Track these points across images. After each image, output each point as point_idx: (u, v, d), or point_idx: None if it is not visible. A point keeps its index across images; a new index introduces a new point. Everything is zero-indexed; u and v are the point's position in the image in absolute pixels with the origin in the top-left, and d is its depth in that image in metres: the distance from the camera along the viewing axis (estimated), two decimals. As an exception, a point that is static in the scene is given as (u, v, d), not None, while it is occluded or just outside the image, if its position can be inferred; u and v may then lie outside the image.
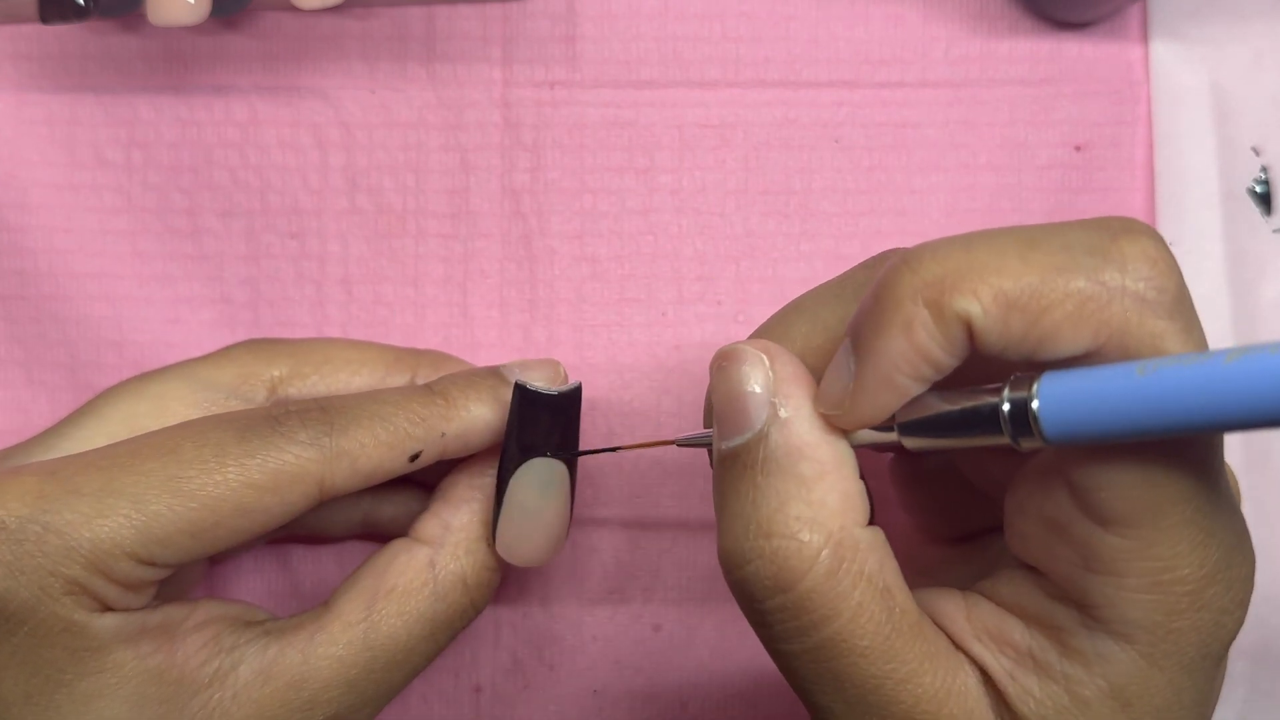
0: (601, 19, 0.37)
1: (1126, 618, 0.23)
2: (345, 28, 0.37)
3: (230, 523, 0.27)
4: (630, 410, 0.37)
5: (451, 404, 0.30)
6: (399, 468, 0.29)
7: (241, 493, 0.27)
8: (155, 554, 0.27)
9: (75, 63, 0.37)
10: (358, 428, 0.29)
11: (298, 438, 0.28)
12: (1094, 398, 0.21)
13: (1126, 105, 0.37)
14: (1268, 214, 0.37)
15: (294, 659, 0.28)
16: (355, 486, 0.29)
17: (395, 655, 0.29)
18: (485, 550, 0.31)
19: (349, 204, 0.37)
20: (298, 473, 0.28)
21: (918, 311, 0.22)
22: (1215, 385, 0.20)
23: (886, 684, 0.24)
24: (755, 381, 0.24)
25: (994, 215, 0.37)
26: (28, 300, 0.37)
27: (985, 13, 0.37)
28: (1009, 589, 0.25)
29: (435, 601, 0.30)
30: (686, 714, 0.37)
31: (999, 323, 0.22)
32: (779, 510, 0.23)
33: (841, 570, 0.23)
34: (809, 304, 0.27)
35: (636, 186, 0.37)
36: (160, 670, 0.27)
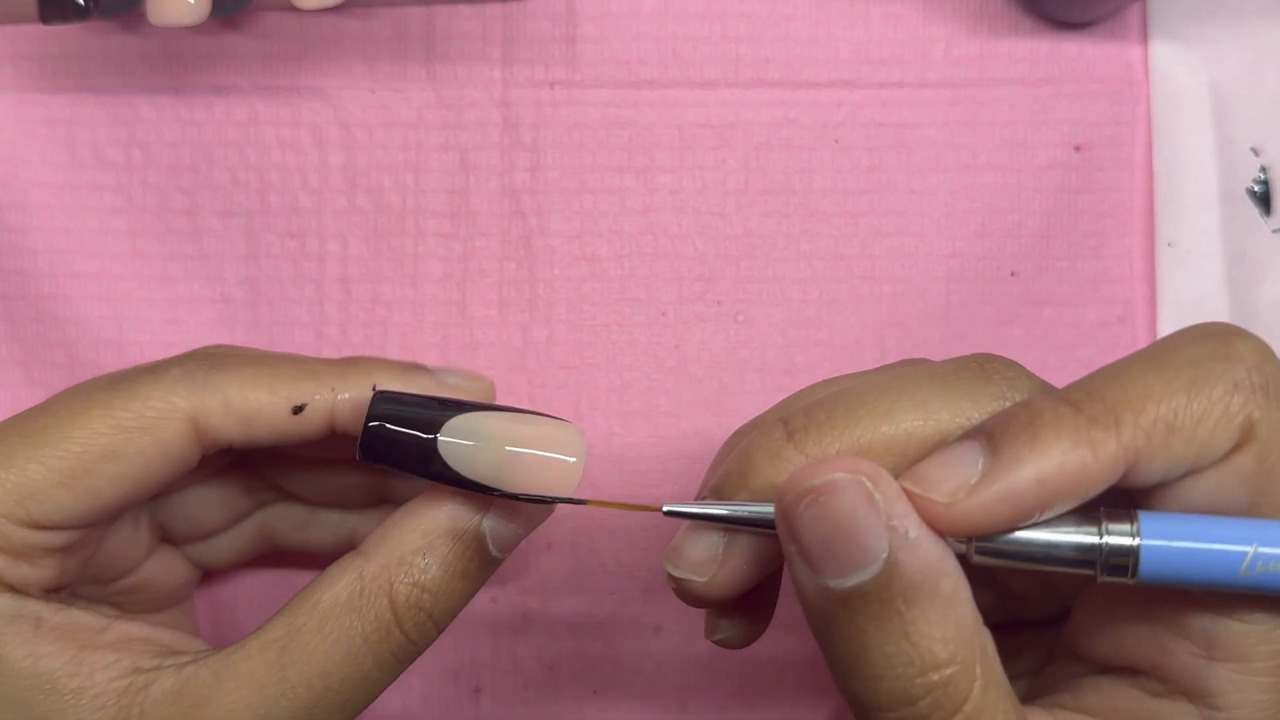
0: (601, 19, 0.37)
1: (1251, 701, 0.24)
2: (345, 28, 0.37)
3: (102, 469, 0.26)
4: (630, 410, 0.37)
5: (353, 366, 0.28)
6: (281, 419, 0.27)
7: (108, 436, 0.26)
8: (33, 511, 0.26)
9: (75, 63, 0.37)
10: (238, 367, 0.27)
11: (170, 374, 0.27)
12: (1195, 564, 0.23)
13: (1126, 105, 0.37)
14: (1267, 214, 0.37)
15: (205, 678, 0.26)
16: (234, 433, 0.27)
17: (310, 678, 0.26)
18: (422, 567, 0.27)
19: (348, 204, 0.37)
20: (166, 409, 0.26)
21: (1079, 445, 0.22)
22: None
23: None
24: (865, 510, 0.22)
25: (994, 215, 0.37)
26: (28, 300, 0.37)
27: (985, 13, 0.37)
28: (1098, 697, 0.25)
29: (357, 618, 0.26)
30: (686, 714, 0.37)
31: (1163, 448, 0.23)
32: (937, 639, 0.22)
33: (990, 682, 0.23)
34: (913, 390, 0.25)
35: (636, 186, 0.37)
36: (54, 676, 0.26)
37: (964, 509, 0.23)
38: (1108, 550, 0.23)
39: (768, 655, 0.37)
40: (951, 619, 0.23)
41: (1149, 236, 0.37)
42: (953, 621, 0.23)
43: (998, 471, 0.23)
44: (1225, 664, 0.24)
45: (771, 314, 0.37)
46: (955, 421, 0.24)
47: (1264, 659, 0.24)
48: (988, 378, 0.25)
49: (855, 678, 0.23)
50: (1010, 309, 0.37)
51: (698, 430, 0.36)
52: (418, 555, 0.27)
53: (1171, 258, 0.37)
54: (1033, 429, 0.23)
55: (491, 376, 0.36)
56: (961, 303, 0.37)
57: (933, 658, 0.22)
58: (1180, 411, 0.23)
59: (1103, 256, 0.37)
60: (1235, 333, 0.24)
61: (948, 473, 0.23)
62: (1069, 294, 0.37)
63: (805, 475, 0.23)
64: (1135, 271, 0.37)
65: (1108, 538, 0.23)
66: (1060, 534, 0.23)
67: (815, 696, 0.37)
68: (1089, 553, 0.23)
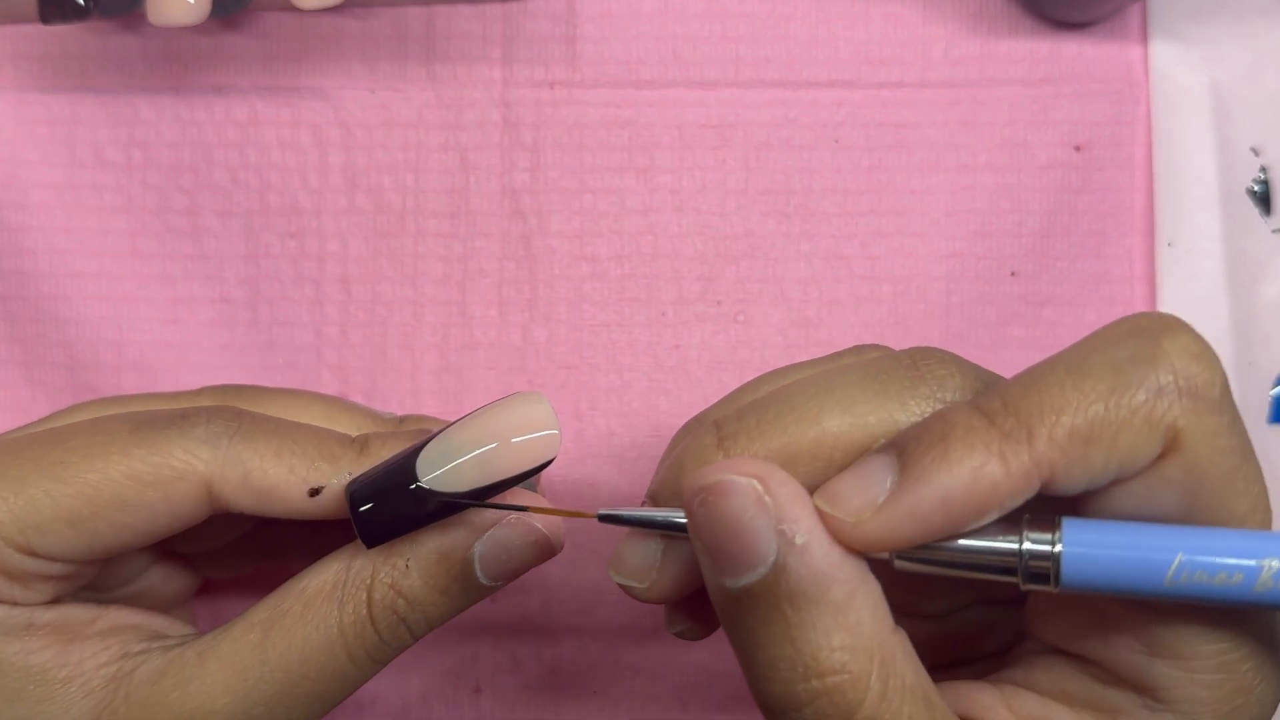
0: (601, 19, 0.37)
1: (1194, 697, 0.23)
2: (345, 28, 0.37)
3: (109, 515, 0.26)
4: (630, 410, 0.37)
5: (367, 451, 0.27)
6: (296, 498, 0.27)
7: (121, 484, 0.26)
8: (34, 541, 0.26)
9: (75, 63, 0.37)
10: (263, 439, 0.27)
11: (194, 433, 0.26)
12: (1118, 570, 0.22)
13: (1126, 105, 0.37)
14: (1267, 214, 0.37)
15: (189, 658, 0.26)
16: (248, 504, 0.27)
17: (289, 663, 0.26)
18: (402, 570, 0.27)
19: (348, 203, 0.37)
20: (184, 469, 0.26)
21: (989, 459, 0.22)
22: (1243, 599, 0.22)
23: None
24: (754, 511, 0.22)
25: (994, 215, 0.37)
26: (28, 300, 0.37)
27: (985, 13, 0.37)
28: (1047, 677, 0.25)
29: (336, 609, 0.26)
30: (686, 714, 0.37)
31: (1080, 460, 0.22)
32: (823, 646, 0.22)
33: (890, 690, 0.23)
34: (843, 393, 0.25)
35: (636, 186, 0.37)
36: (44, 669, 0.26)
37: (870, 528, 0.22)
38: (1028, 557, 0.23)
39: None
40: (843, 626, 0.22)
41: (1149, 236, 0.37)
42: (843, 629, 0.22)
43: (904, 489, 0.22)
44: (1167, 661, 0.23)
45: (771, 314, 0.37)
46: (883, 426, 0.24)
47: (1207, 657, 0.23)
48: (920, 379, 0.25)
49: (750, 678, 0.23)
50: (1010, 309, 0.37)
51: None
52: (403, 559, 0.27)
53: (1171, 258, 0.37)
54: (943, 445, 0.22)
55: (492, 376, 0.37)
56: (961, 303, 0.37)
57: (816, 664, 0.22)
58: (1097, 422, 0.22)
59: (1103, 256, 0.37)
60: (1165, 328, 0.23)
61: (856, 490, 0.23)
62: (1069, 294, 0.37)
63: (703, 475, 0.23)
64: (1135, 271, 0.37)
65: (1028, 544, 0.23)
66: (982, 541, 0.23)
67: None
68: (1009, 560, 0.23)
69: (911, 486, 0.22)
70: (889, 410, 0.24)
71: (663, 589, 0.26)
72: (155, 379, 0.37)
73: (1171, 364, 0.22)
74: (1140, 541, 0.22)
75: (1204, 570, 0.22)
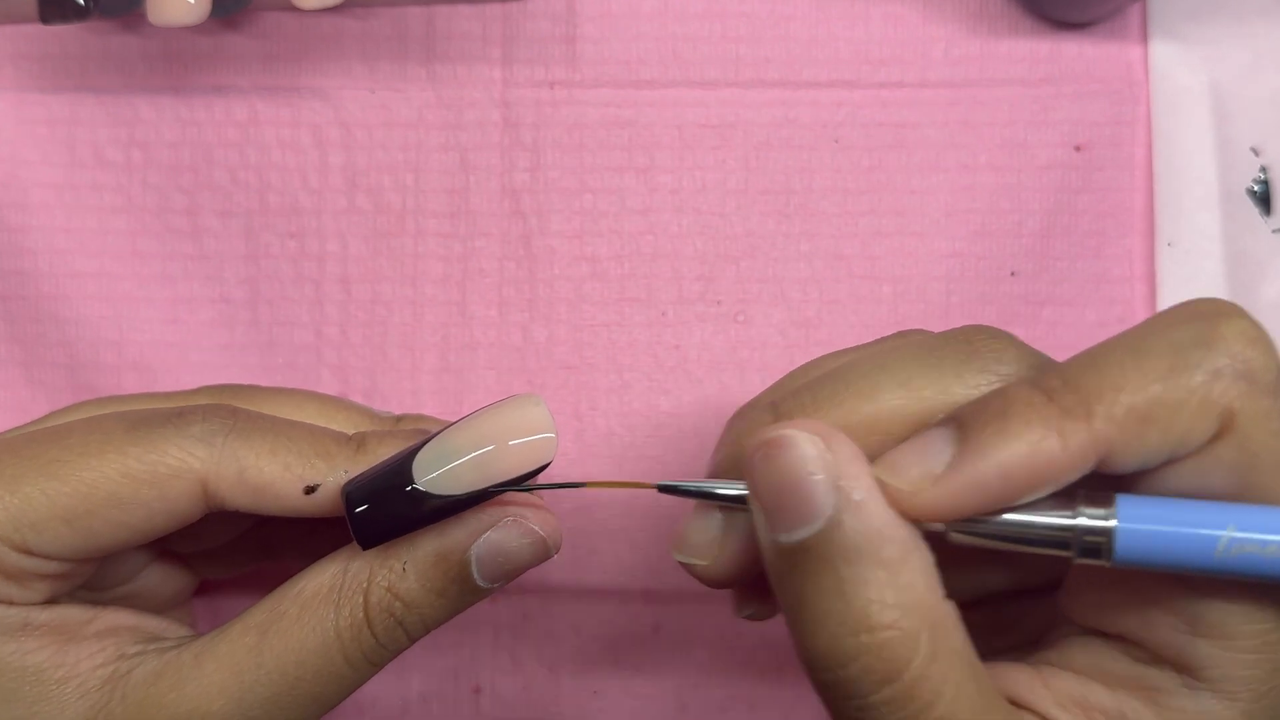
0: (601, 19, 0.37)
1: (1233, 676, 0.23)
2: (345, 28, 0.37)
3: (105, 513, 0.26)
4: (630, 410, 0.37)
5: (364, 449, 0.27)
6: (292, 496, 0.27)
7: (117, 482, 0.26)
8: (29, 540, 0.26)
9: (75, 63, 0.37)
10: (259, 436, 0.27)
11: (190, 431, 0.26)
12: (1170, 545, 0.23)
13: (1126, 105, 0.37)
14: (1267, 214, 0.37)
15: (186, 660, 0.26)
16: (244, 502, 0.27)
17: (285, 665, 0.26)
18: (399, 573, 0.27)
19: (348, 203, 0.37)
20: (179, 467, 0.26)
21: (1048, 435, 0.22)
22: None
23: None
24: (815, 466, 0.23)
25: (994, 215, 0.37)
26: (28, 300, 0.37)
27: (985, 13, 0.37)
28: (1085, 657, 0.26)
29: (333, 611, 0.26)
30: (686, 714, 0.37)
31: (1137, 439, 0.22)
32: (875, 601, 0.22)
33: (940, 652, 0.23)
34: (899, 368, 0.25)
35: (636, 186, 0.37)
36: (41, 669, 0.26)
37: (929, 497, 0.23)
38: (1082, 532, 0.23)
39: (768, 655, 0.37)
40: (894, 585, 0.22)
41: (1149, 236, 0.37)
42: (895, 588, 0.22)
43: (963, 461, 0.23)
44: (1209, 640, 0.24)
45: (771, 314, 0.37)
46: (940, 399, 0.25)
47: (1248, 637, 0.23)
48: (974, 353, 0.25)
49: (797, 634, 0.23)
50: (1010, 309, 0.37)
51: (698, 430, 0.36)
52: (399, 562, 0.27)
53: (1171, 258, 0.37)
54: (1002, 419, 0.23)
55: (492, 376, 0.37)
56: (961, 303, 0.37)
57: (866, 619, 0.22)
58: (1155, 401, 0.22)
59: (1103, 256, 0.37)
60: (1224, 314, 0.23)
61: (915, 460, 0.23)
62: (1069, 294, 0.37)
63: (766, 431, 0.24)
64: (1135, 271, 0.37)
65: (1082, 519, 0.23)
66: (1037, 515, 0.23)
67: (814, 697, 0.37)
68: (1064, 534, 0.23)
69: (970, 459, 0.23)
70: (945, 384, 0.25)
71: (724, 567, 0.26)
72: (155, 379, 0.37)
73: (1229, 348, 0.22)
74: (1192, 517, 0.23)
75: (1255, 543, 0.22)
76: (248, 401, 0.29)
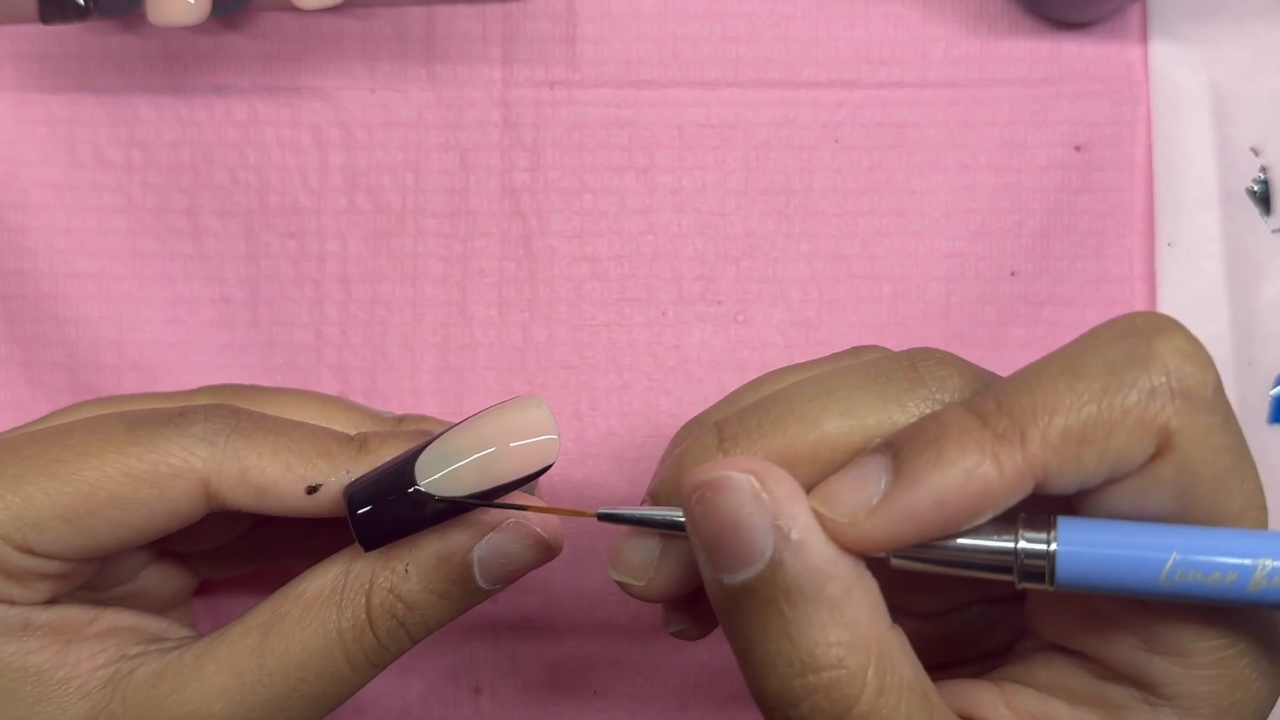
0: (601, 19, 0.37)
1: (1193, 693, 0.24)
2: (345, 28, 0.37)
3: (106, 513, 0.26)
4: (630, 410, 0.37)
5: (366, 449, 0.27)
6: (294, 496, 0.27)
7: (119, 482, 0.26)
8: (30, 539, 0.26)
9: (75, 63, 0.37)
10: (261, 436, 0.27)
11: (192, 430, 0.26)
12: (1112, 569, 0.22)
13: (1126, 105, 0.37)
14: (1266, 214, 0.37)
15: (187, 661, 0.26)
16: (245, 502, 0.26)
17: (287, 667, 0.26)
18: (401, 574, 0.27)
19: (348, 203, 0.37)
20: (181, 467, 0.26)
21: (983, 461, 0.22)
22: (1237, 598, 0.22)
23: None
24: (752, 508, 0.23)
25: (994, 215, 0.37)
26: (28, 300, 0.37)
27: (985, 13, 0.37)
28: (1046, 673, 0.26)
29: (335, 612, 0.26)
30: (686, 714, 0.37)
31: (1073, 461, 0.22)
32: (820, 642, 0.22)
33: (887, 685, 0.23)
34: (843, 394, 0.25)
35: (636, 186, 0.37)
36: (41, 669, 0.26)
37: (866, 529, 0.23)
38: (1024, 555, 0.23)
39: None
40: (839, 623, 0.22)
41: (1149, 236, 0.37)
42: (840, 625, 0.22)
43: (899, 490, 0.22)
44: (1166, 658, 0.24)
45: (771, 314, 0.37)
46: (881, 428, 0.24)
47: (1204, 653, 0.23)
48: (919, 380, 0.25)
49: (747, 675, 0.23)
50: (1010, 309, 0.37)
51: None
52: (402, 563, 0.27)
53: (1171, 258, 0.37)
54: (936, 446, 0.22)
55: (492, 376, 0.37)
56: (961, 303, 0.37)
57: (813, 660, 0.22)
58: (1090, 423, 0.22)
59: (1103, 256, 0.37)
60: (1158, 329, 0.23)
61: (851, 491, 0.23)
62: (1069, 294, 0.37)
63: (701, 471, 0.23)
64: (1135, 271, 0.37)
65: (1023, 543, 0.23)
66: (978, 539, 0.23)
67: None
68: (1005, 559, 0.23)
69: (906, 488, 0.22)
70: (888, 412, 0.24)
71: (660, 587, 0.26)
72: (155, 379, 0.37)
73: (1164, 364, 0.22)
74: (1135, 541, 0.22)
75: (1198, 569, 0.22)
76: (249, 402, 0.29)
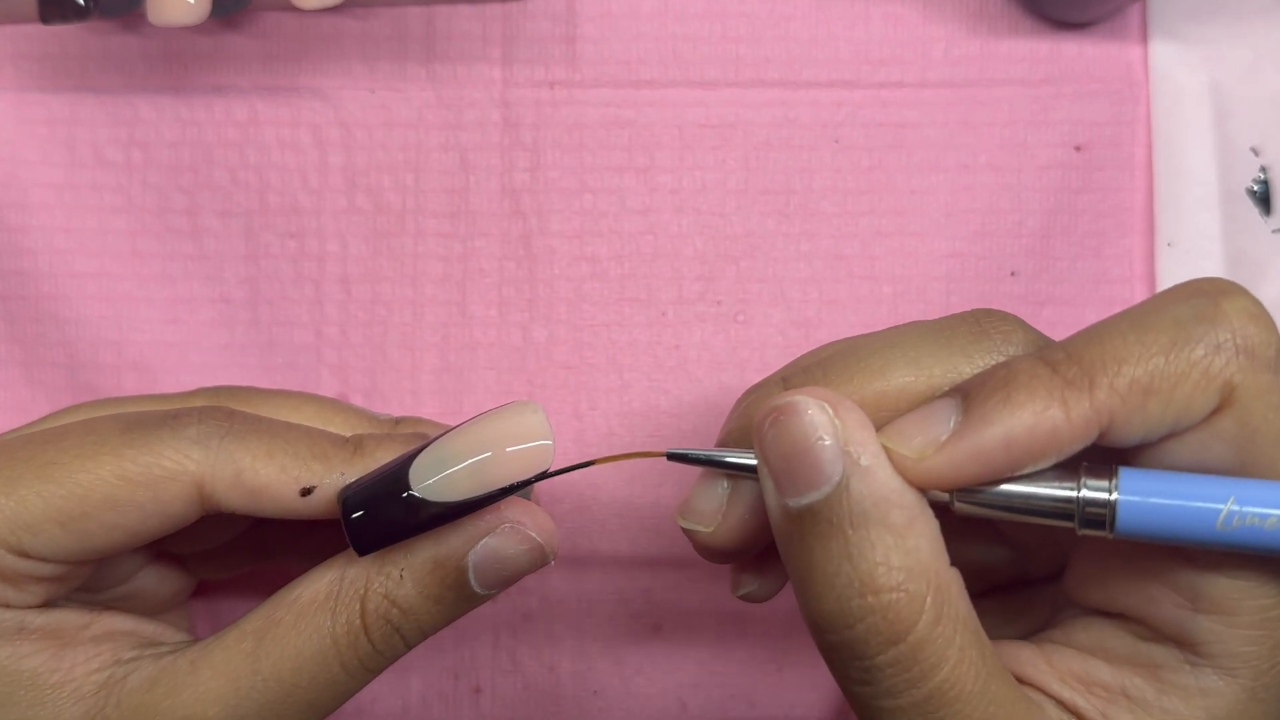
0: (601, 19, 0.37)
1: (1235, 653, 0.24)
2: (345, 28, 0.37)
3: (100, 516, 0.26)
4: (630, 410, 0.37)
5: (361, 451, 0.27)
6: (288, 498, 0.27)
7: (112, 484, 0.26)
8: (25, 542, 0.26)
9: (75, 63, 0.37)
10: (255, 439, 0.27)
11: (185, 433, 0.26)
12: (1171, 517, 0.23)
13: (1126, 105, 0.37)
14: (1267, 214, 0.37)
15: (182, 666, 0.26)
16: (240, 504, 0.27)
17: (281, 673, 0.26)
18: (396, 580, 0.27)
19: (348, 203, 0.37)
20: (175, 469, 0.26)
21: (1052, 405, 0.23)
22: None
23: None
24: (824, 432, 0.23)
25: (994, 215, 0.37)
26: (28, 300, 0.37)
27: (985, 13, 0.37)
28: (1087, 636, 0.26)
29: (329, 618, 0.26)
30: (686, 714, 0.37)
31: (1139, 410, 0.23)
32: (881, 564, 0.23)
33: (944, 616, 0.23)
34: (909, 347, 0.26)
35: (636, 186, 0.37)
36: (36, 673, 0.26)
37: (932, 464, 0.23)
38: (1085, 503, 0.23)
39: (767, 655, 0.37)
40: (901, 548, 0.23)
41: (1149, 236, 0.37)
42: (901, 551, 0.23)
43: (967, 429, 0.23)
44: (1210, 616, 0.24)
45: (771, 314, 0.37)
46: (948, 377, 0.25)
47: (1249, 613, 0.24)
48: (983, 334, 0.26)
49: (804, 598, 0.24)
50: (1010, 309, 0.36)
51: (698, 430, 0.36)
52: (397, 569, 0.27)
53: (1171, 258, 0.37)
54: (1006, 389, 0.23)
55: (492, 376, 0.37)
56: (961, 303, 0.37)
57: (873, 581, 0.23)
58: (1157, 374, 0.23)
59: (1103, 256, 0.37)
60: (1225, 291, 0.24)
61: (920, 429, 0.24)
62: (1069, 294, 0.37)
63: (775, 399, 0.24)
64: (1135, 271, 0.37)
65: (1085, 491, 0.23)
66: (1040, 487, 0.24)
67: (815, 696, 0.37)
68: (1067, 505, 0.24)
69: (974, 426, 0.23)
70: (954, 363, 0.25)
71: (726, 535, 0.27)
72: (155, 379, 0.37)
73: (1230, 323, 0.23)
74: (1194, 490, 0.23)
75: (1256, 517, 0.23)
76: (245, 403, 0.29)
